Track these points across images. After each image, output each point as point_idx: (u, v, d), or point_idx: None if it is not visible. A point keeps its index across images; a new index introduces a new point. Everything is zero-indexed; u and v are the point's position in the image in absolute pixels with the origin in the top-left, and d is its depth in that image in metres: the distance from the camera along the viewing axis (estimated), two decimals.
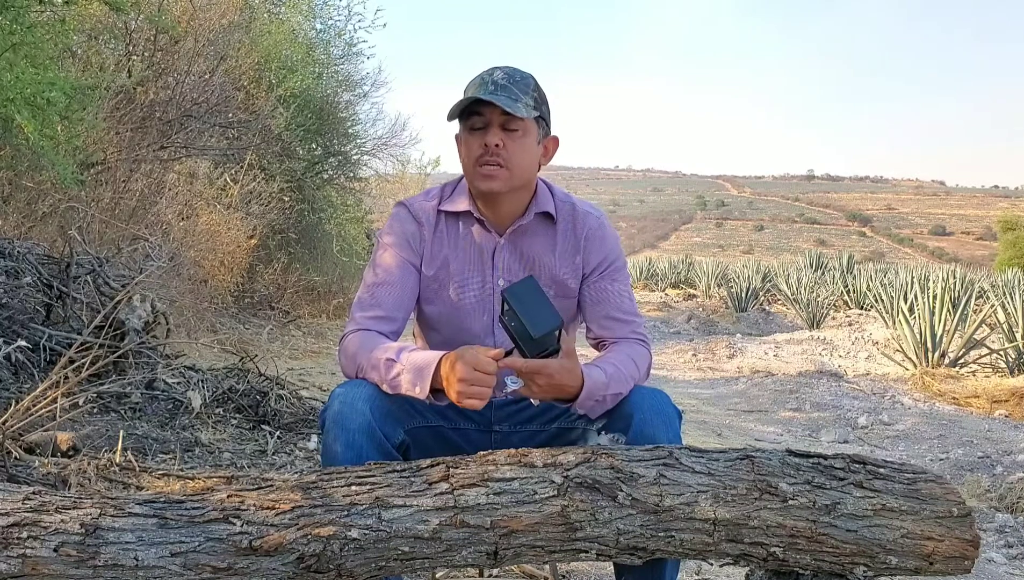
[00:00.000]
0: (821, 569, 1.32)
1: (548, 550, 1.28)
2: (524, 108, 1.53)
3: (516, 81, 1.56)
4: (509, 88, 1.54)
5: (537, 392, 1.44)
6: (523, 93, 1.55)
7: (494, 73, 1.56)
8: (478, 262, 1.65)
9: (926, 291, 8.12)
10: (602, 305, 1.65)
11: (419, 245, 1.64)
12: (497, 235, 1.64)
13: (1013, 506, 3.43)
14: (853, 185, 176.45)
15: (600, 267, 1.66)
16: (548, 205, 1.65)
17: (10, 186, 4.36)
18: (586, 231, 1.65)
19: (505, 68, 1.58)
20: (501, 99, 1.51)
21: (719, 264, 19.63)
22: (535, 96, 1.57)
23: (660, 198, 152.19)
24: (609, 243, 1.67)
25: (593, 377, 1.47)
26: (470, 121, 1.57)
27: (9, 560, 1.15)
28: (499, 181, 1.56)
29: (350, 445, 1.42)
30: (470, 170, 1.58)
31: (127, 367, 3.43)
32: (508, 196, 1.60)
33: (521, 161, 1.57)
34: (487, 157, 1.55)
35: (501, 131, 1.55)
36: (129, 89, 5.09)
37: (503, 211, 1.63)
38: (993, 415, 5.64)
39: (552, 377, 1.42)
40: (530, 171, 1.60)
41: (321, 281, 7.80)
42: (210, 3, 5.80)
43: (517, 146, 1.56)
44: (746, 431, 4.98)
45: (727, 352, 8.72)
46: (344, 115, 8.19)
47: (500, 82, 1.54)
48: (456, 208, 1.64)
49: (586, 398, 1.46)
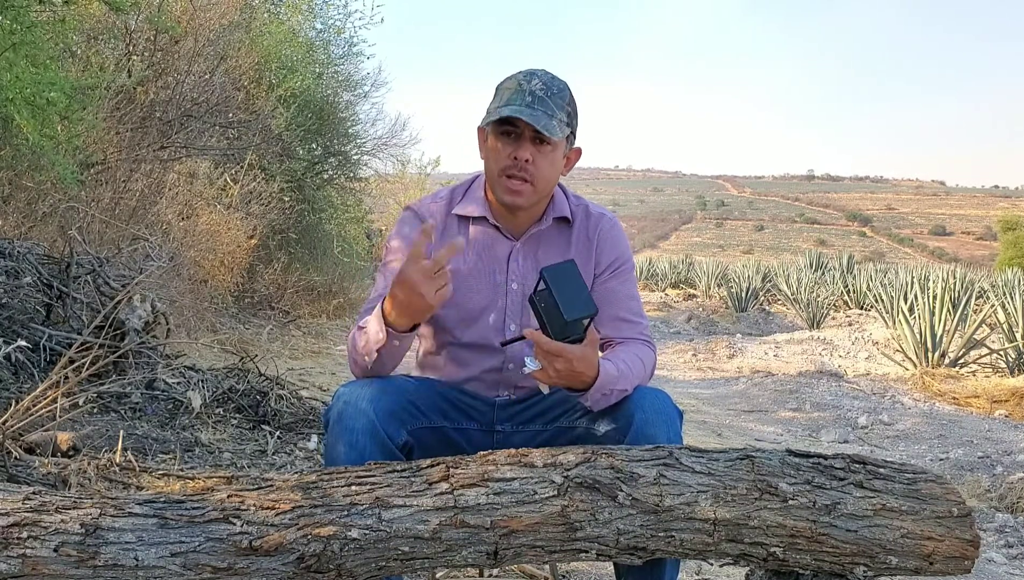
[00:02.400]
0: (821, 569, 1.32)
1: (548, 550, 1.28)
2: (558, 126, 1.53)
3: (553, 94, 1.54)
4: (546, 102, 1.52)
5: (553, 376, 1.43)
6: (558, 108, 1.54)
7: (532, 81, 1.54)
8: (491, 266, 1.65)
9: (926, 291, 8.12)
10: (611, 306, 1.65)
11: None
12: (513, 240, 1.65)
13: (1013, 506, 3.43)
14: (853, 185, 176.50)
15: (612, 267, 1.67)
16: (564, 209, 1.67)
17: (10, 186, 4.36)
18: (599, 231, 1.67)
19: (542, 76, 1.56)
20: (539, 116, 1.50)
21: (719, 264, 19.64)
22: (568, 110, 1.57)
23: (660, 198, 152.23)
24: (621, 244, 1.69)
25: (607, 369, 1.47)
26: (503, 127, 1.56)
27: (9, 560, 1.15)
28: (524, 197, 1.57)
29: (353, 445, 1.42)
30: (494, 177, 1.58)
31: (127, 367, 3.43)
32: (529, 208, 1.62)
33: (548, 176, 1.58)
34: (515, 170, 1.54)
35: (532, 146, 1.54)
36: (129, 89, 5.09)
37: (521, 218, 1.64)
38: (993, 415, 5.64)
39: (572, 362, 1.41)
40: (553, 183, 1.62)
41: (321, 281, 7.80)
42: (210, 3, 5.79)
43: (546, 163, 1.56)
44: (746, 431, 4.98)
45: (727, 352, 8.72)
46: (344, 115, 8.19)
47: (538, 94, 1.53)
48: (470, 213, 1.65)
49: (597, 390, 1.47)
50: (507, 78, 1.58)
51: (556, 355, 1.40)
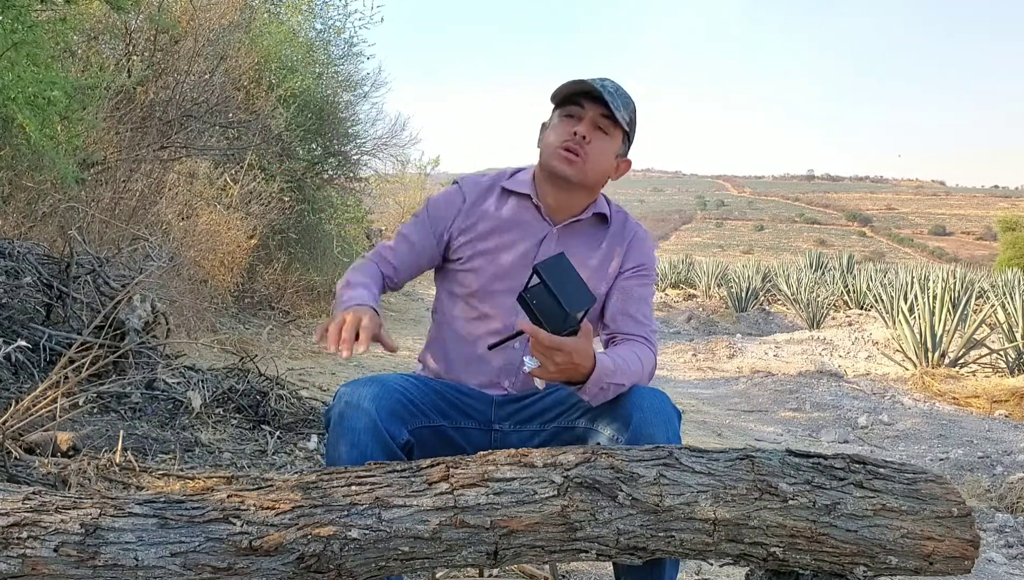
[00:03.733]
0: (821, 569, 1.32)
1: (548, 550, 1.28)
2: (621, 116, 1.63)
3: (622, 95, 1.65)
4: (615, 96, 1.63)
5: (553, 370, 1.43)
6: (624, 107, 1.65)
7: (604, 81, 1.65)
8: (523, 243, 1.70)
9: (926, 291, 8.12)
10: (624, 301, 1.71)
11: (451, 217, 1.72)
12: (551, 225, 1.71)
13: (1013, 506, 3.43)
14: (853, 185, 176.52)
15: (636, 269, 1.74)
16: (604, 210, 1.74)
17: (10, 186, 4.36)
18: (633, 235, 1.76)
19: (612, 81, 1.67)
20: (609, 96, 1.61)
21: (719, 264, 19.65)
22: (630, 117, 1.67)
23: (660, 198, 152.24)
24: (649, 251, 1.78)
25: (603, 362, 1.48)
26: (568, 108, 1.66)
27: (9, 560, 1.15)
28: (574, 169, 1.64)
29: (355, 445, 1.43)
30: (550, 151, 1.66)
31: (127, 367, 3.43)
32: (572, 191, 1.68)
33: (598, 161, 1.66)
34: (571, 143, 1.63)
35: (592, 126, 1.63)
36: (129, 89, 5.09)
37: (562, 203, 1.70)
38: (993, 415, 5.64)
39: (571, 355, 1.41)
40: (601, 175, 1.68)
41: (321, 281, 7.79)
42: (210, 3, 5.79)
43: (600, 144, 1.65)
44: (746, 431, 4.98)
45: (727, 352, 8.73)
46: (344, 115, 8.19)
47: (609, 88, 1.63)
48: (518, 189, 1.72)
49: (593, 383, 1.47)
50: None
51: (555, 349, 1.40)
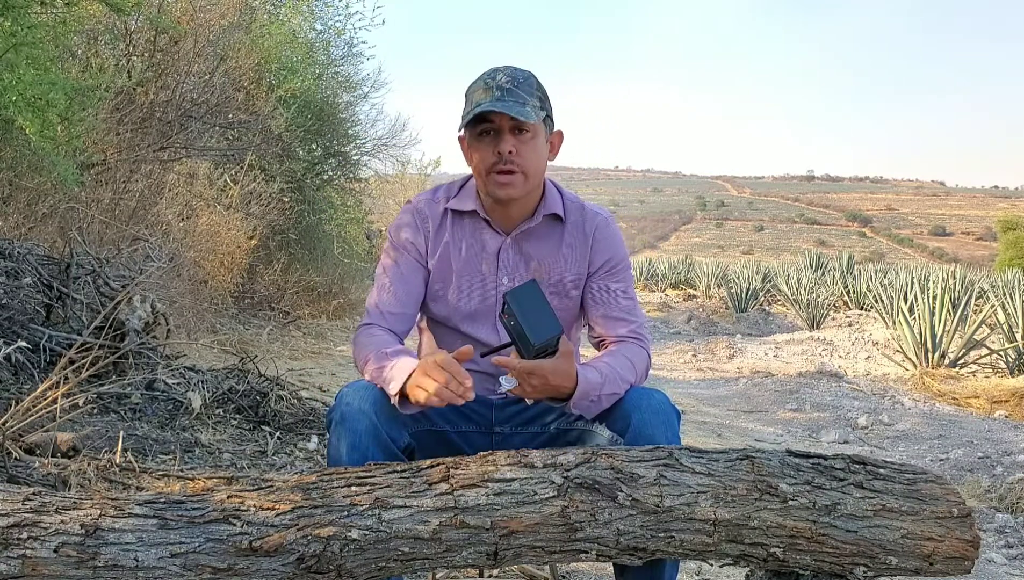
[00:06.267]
0: (821, 570, 1.32)
1: (548, 550, 1.28)
2: (532, 111, 1.54)
3: (520, 83, 1.55)
4: (515, 92, 1.54)
5: (531, 392, 1.45)
6: (528, 95, 1.55)
7: (497, 76, 1.55)
8: (481, 261, 1.66)
9: (926, 291, 8.12)
10: (604, 305, 1.66)
11: (423, 242, 1.66)
12: (504, 235, 1.66)
13: (1013, 506, 3.43)
14: (853, 185, 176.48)
15: (605, 266, 1.67)
16: (556, 207, 1.67)
17: (10, 187, 4.36)
18: (595, 230, 1.67)
19: (506, 69, 1.57)
20: (510, 105, 1.51)
21: (719, 264, 19.66)
22: (539, 95, 1.58)
23: (660, 198, 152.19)
24: (615, 243, 1.69)
25: (588, 377, 1.47)
26: (479, 127, 1.56)
27: (9, 560, 1.15)
28: (516, 188, 1.57)
29: (355, 447, 1.43)
30: (483, 177, 1.59)
31: (127, 368, 3.43)
32: (520, 199, 1.62)
33: (535, 163, 1.58)
34: (501, 165, 1.55)
35: (512, 137, 1.55)
36: (129, 90, 5.09)
37: (513, 213, 1.65)
38: (993, 415, 5.64)
39: (546, 378, 1.42)
40: (542, 170, 1.62)
41: (321, 282, 7.79)
42: (210, 3, 5.79)
43: (529, 150, 1.57)
44: (746, 431, 4.98)
45: (727, 352, 8.73)
46: (344, 116, 8.18)
47: (505, 86, 1.54)
48: (463, 207, 1.66)
49: (580, 398, 1.47)
50: (472, 82, 1.59)
51: (529, 373, 1.42)
